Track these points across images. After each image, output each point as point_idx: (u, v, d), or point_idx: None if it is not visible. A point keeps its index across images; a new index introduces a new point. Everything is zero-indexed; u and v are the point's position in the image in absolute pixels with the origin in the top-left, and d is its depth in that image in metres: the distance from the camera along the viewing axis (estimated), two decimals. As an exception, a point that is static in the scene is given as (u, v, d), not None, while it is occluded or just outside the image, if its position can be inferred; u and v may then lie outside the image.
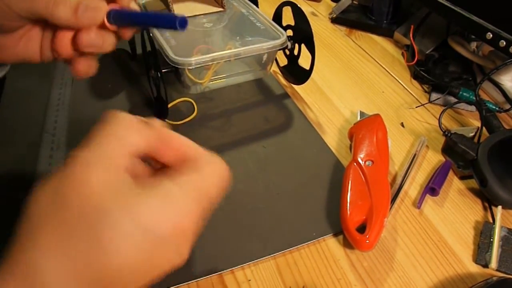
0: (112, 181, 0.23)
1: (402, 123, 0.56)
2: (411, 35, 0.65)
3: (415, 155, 0.50)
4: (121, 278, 0.22)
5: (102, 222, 0.21)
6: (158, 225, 0.22)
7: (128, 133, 0.25)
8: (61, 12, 0.30)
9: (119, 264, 0.22)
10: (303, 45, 0.54)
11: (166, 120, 0.53)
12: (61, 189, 0.22)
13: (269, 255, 0.40)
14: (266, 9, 0.60)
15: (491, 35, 0.54)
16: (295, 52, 0.56)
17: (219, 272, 0.38)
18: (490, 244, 0.40)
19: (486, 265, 0.39)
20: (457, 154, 0.48)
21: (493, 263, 0.38)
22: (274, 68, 0.64)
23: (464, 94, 0.57)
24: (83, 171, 0.23)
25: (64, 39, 0.32)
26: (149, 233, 0.22)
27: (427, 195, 0.46)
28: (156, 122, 0.27)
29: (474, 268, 0.39)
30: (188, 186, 0.24)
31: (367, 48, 0.72)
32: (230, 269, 0.39)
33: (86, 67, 0.35)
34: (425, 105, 0.59)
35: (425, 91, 0.62)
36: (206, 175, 0.25)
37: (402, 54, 0.69)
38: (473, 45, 0.64)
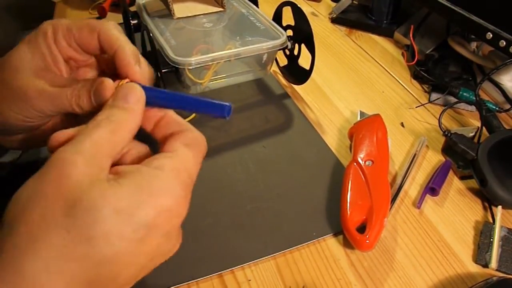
0: (91, 175, 0.22)
1: (402, 123, 0.56)
2: (411, 35, 0.65)
3: (415, 155, 0.50)
4: (118, 273, 0.21)
5: (83, 214, 0.21)
6: (138, 212, 0.22)
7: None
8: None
9: (112, 256, 0.21)
10: (303, 45, 0.54)
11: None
12: (39, 185, 0.22)
13: (269, 255, 0.40)
14: (266, 9, 0.60)
15: (491, 35, 0.54)
16: (295, 52, 0.56)
17: (219, 272, 0.38)
18: (490, 244, 0.40)
19: (486, 265, 0.39)
20: (457, 154, 0.48)
21: (493, 263, 0.38)
22: (274, 68, 0.64)
23: (464, 94, 0.57)
24: (63, 167, 0.22)
25: None
26: (132, 220, 0.22)
27: (427, 195, 0.46)
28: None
29: (474, 268, 0.39)
30: (164, 167, 0.24)
31: (367, 48, 0.72)
32: (230, 269, 0.39)
33: None
34: (425, 105, 0.59)
35: (425, 91, 0.62)
36: (182, 153, 0.26)
37: (402, 54, 0.69)
38: (473, 45, 0.64)
